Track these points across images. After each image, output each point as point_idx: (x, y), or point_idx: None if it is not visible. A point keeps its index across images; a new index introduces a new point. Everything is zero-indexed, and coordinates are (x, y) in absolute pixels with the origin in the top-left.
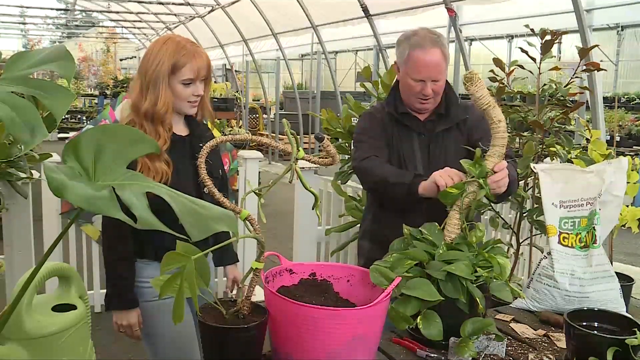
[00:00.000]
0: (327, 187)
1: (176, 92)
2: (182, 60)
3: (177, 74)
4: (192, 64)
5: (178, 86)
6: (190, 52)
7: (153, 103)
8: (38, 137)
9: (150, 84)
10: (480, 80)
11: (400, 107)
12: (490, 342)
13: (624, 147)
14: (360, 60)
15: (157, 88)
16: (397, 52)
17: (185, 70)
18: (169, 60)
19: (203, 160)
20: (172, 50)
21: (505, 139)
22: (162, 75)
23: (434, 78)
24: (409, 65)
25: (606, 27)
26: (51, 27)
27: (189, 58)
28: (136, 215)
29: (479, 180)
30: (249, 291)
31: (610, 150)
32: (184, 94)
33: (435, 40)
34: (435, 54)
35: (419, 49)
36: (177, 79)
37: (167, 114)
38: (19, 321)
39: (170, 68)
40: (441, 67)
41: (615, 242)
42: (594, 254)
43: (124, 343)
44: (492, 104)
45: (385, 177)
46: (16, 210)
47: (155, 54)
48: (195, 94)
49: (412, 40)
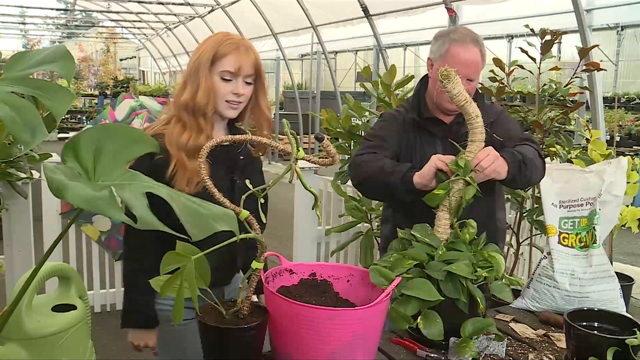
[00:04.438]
0: (327, 187)
1: (214, 87)
2: (222, 50)
3: (216, 65)
4: (234, 56)
5: (216, 80)
6: (235, 43)
7: (193, 94)
8: (38, 137)
9: (192, 73)
10: (457, 77)
11: (426, 112)
12: (490, 342)
13: (624, 147)
14: (360, 60)
15: (198, 77)
16: (434, 47)
17: (225, 61)
18: (211, 49)
19: (203, 160)
20: (216, 40)
21: (483, 134)
22: (203, 64)
23: (469, 77)
24: (446, 60)
25: (606, 27)
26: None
27: (231, 49)
28: (136, 215)
29: (464, 178)
30: (249, 291)
31: (610, 150)
32: (222, 90)
33: (477, 39)
34: (475, 52)
35: (459, 45)
36: (216, 71)
37: (208, 105)
38: (18, 321)
39: (211, 58)
40: (478, 67)
41: (615, 242)
42: (594, 254)
43: (124, 343)
44: (468, 100)
45: (381, 166)
46: (16, 211)
47: (200, 45)
48: (234, 92)
49: (453, 35)
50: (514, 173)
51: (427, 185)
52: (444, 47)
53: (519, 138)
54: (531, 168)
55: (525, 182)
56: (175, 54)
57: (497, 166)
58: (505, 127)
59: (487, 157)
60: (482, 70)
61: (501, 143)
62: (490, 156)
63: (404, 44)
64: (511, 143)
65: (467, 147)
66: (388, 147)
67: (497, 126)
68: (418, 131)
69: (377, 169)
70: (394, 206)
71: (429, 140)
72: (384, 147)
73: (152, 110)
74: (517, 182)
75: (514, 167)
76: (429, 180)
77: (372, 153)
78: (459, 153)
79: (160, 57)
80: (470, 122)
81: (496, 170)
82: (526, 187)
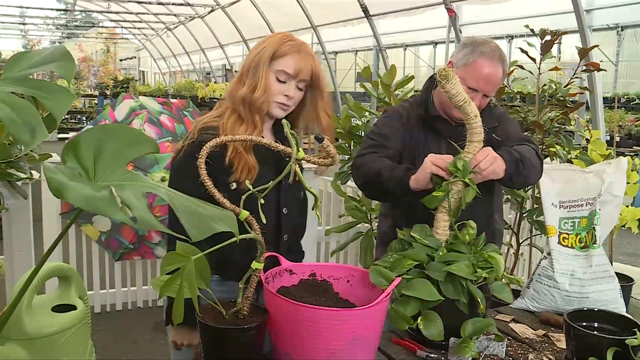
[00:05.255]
0: (327, 187)
1: (267, 84)
2: (284, 49)
3: (274, 62)
4: (295, 57)
5: (271, 77)
6: (297, 46)
7: (252, 89)
8: (38, 138)
9: (251, 68)
10: (456, 77)
11: (432, 110)
12: (490, 343)
13: (624, 147)
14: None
15: (258, 73)
16: (460, 53)
17: (283, 61)
18: (273, 47)
19: (203, 160)
20: (279, 38)
21: (481, 134)
22: (264, 60)
23: (487, 93)
24: (469, 70)
25: (606, 27)
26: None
27: (293, 50)
28: (136, 216)
29: (463, 180)
30: (249, 291)
31: (610, 151)
32: (275, 89)
33: (503, 58)
34: (499, 70)
35: (487, 60)
36: (273, 69)
37: (265, 103)
38: (19, 321)
39: (271, 54)
40: (497, 85)
41: (615, 243)
42: (594, 254)
43: (124, 343)
44: (467, 100)
45: (378, 170)
46: (16, 211)
47: (261, 42)
48: (285, 93)
49: (483, 48)
50: (511, 172)
51: (426, 188)
52: (472, 58)
53: (517, 138)
54: (528, 167)
55: (522, 181)
56: (175, 54)
57: (496, 167)
58: (504, 126)
59: (486, 158)
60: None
61: (500, 143)
62: (489, 157)
63: (404, 44)
64: (510, 143)
65: (465, 148)
66: (390, 145)
67: (498, 128)
68: (424, 128)
69: (375, 173)
70: (394, 203)
71: (434, 138)
72: (385, 146)
73: (152, 110)
74: (514, 181)
75: (512, 165)
76: (425, 185)
77: (372, 153)
78: (458, 154)
79: (160, 57)
80: (468, 123)
81: (495, 171)
82: (523, 186)
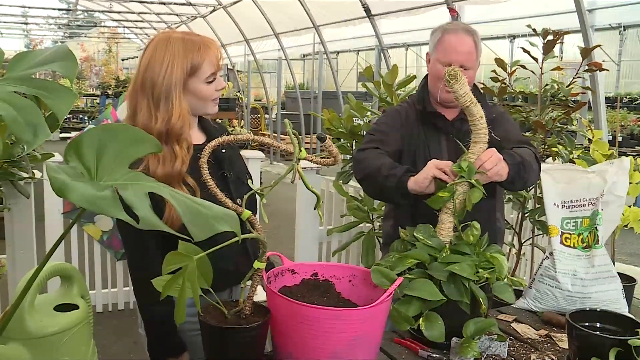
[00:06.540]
0: (329, 187)
1: (201, 94)
2: (198, 57)
3: (198, 74)
4: (210, 55)
5: (202, 87)
6: (202, 43)
7: (166, 120)
8: (40, 137)
9: (162, 96)
10: (463, 77)
11: (429, 106)
12: (492, 343)
13: (626, 147)
14: (361, 60)
15: (169, 100)
16: (430, 42)
17: (205, 66)
18: (183, 62)
19: (205, 160)
20: (183, 50)
21: (486, 135)
22: (175, 83)
23: (463, 64)
24: (439, 49)
25: (608, 27)
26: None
27: (205, 51)
28: (138, 215)
29: (469, 180)
30: (251, 291)
31: (613, 151)
32: (209, 93)
33: (469, 29)
34: (467, 41)
35: (451, 34)
36: (200, 80)
37: (184, 127)
38: (21, 321)
39: (187, 71)
40: (472, 55)
41: (618, 243)
42: (596, 254)
43: (125, 343)
44: (474, 101)
45: (379, 166)
46: (18, 210)
47: (161, 60)
48: (218, 88)
49: (446, 26)
50: (513, 175)
51: (422, 191)
52: (437, 37)
53: (517, 140)
54: (529, 171)
55: (522, 184)
56: None
57: (500, 168)
58: (504, 127)
59: (490, 159)
60: (483, 70)
61: (499, 143)
62: (494, 158)
63: (406, 44)
64: (509, 145)
65: (469, 149)
66: (390, 141)
67: (496, 125)
68: (423, 125)
69: (375, 170)
70: (391, 203)
71: (434, 134)
72: (386, 142)
73: None
74: (515, 184)
75: (514, 169)
76: (424, 187)
77: (374, 148)
78: (462, 155)
79: None
80: (474, 124)
81: (499, 172)
82: (521, 189)
